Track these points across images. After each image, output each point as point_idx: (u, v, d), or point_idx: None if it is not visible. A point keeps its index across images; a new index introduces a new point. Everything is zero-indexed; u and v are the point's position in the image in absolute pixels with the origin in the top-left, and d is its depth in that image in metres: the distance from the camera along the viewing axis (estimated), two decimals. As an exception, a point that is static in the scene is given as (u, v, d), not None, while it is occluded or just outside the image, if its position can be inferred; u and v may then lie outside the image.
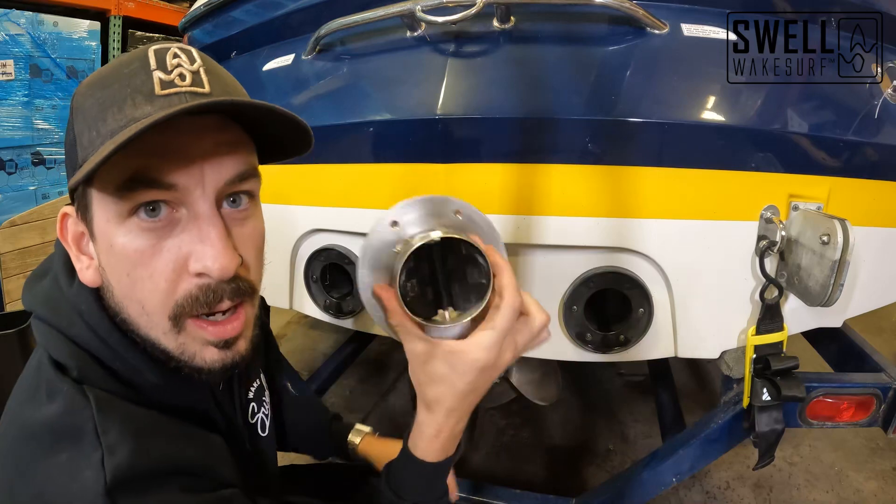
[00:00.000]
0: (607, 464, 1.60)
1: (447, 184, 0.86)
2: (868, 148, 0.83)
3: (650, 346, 0.93)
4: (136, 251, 0.44)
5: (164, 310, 0.46)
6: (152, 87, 0.44)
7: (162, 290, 0.45)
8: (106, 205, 0.45)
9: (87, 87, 0.47)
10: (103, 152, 0.40)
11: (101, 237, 0.46)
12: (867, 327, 2.02)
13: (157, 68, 0.44)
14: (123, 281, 0.46)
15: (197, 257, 0.45)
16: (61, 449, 0.43)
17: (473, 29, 0.85)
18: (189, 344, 0.47)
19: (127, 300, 0.47)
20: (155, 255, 0.45)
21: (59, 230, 0.49)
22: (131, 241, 0.44)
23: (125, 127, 0.42)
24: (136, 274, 0.45)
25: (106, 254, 0.46)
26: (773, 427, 0.88)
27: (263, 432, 0.68)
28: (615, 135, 0.80)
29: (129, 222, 0.44)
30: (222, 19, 1.20)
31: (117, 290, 0.47)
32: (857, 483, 1.50)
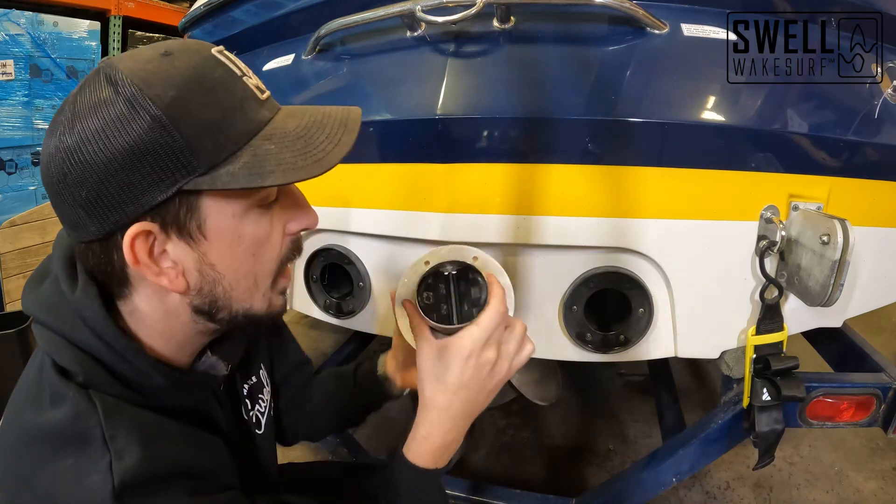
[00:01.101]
0: (607, 464, 1.60)
1: (447, 184, 0.86)
2: (868, 148, 0.83)
3: (650, 346, 0.93)
4: (263, 231, 0.51)
5: (272, 272, 0.53)
6: (254, 92, 0.49)
7: (276, 254, 0.53)
8: (231, 203, 0.48)
9: (179, 92, 0.44)
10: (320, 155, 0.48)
11: (220, 234, 0.48)
12: (867, 327, 2.02)
13: (243, 74, 0.49)
14: (247, 262, 0.51)
15: (298, 219, 0.54)
16: (67, 454, 0.44)
17: (473, 29, 0.85)
18: (273, 297, 0.55)
19: (241, 280, 0.51)
20: (273, 229, 0.52)
21: (132, 256, 0.46)
22: (259, 225, 0.50)
23: (258, 130, 0.48)
24: (262, 250, 0.51)
25: (229, 246, 0.49)
26: (773, 427, 0.88)
27: (259, 430, 0.68)
28: (615, 135, 0.80)
29: (253, 211, 0.50)
30: (222, 19, 1.20)
31: (229, 277, 0.50)
32: (857, 483, 1.50)
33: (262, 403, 0.70)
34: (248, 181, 0.45)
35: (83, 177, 0.44)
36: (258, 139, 0.48)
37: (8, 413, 0.50)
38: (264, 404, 0.71)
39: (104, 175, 0.43)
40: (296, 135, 0.49)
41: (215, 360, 0.60)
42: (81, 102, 0.44)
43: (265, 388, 0.72)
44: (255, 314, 0.54)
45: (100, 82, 0.45)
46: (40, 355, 0.51)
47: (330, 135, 0.51)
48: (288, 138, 0.49)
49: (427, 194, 0.88)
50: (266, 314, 0.55)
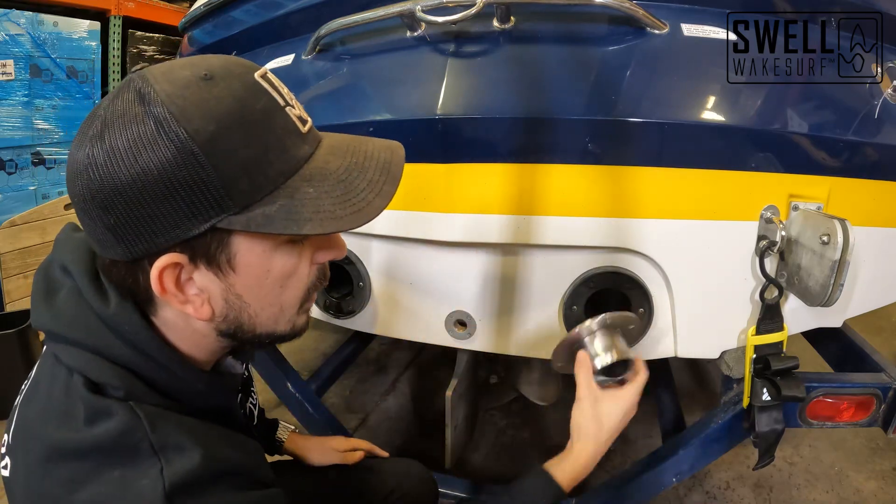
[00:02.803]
0: (607, 464, 1.60)
1: (447, 184, 0.86)
2: (868, 148, 0.83)
3: (650, 346, 0.93)
4: (293, 264, 0.51)
5: (300, 299, 0.54)
6: (295, 125, 0.48)
7: (304, 285, 0.53)
8: (263, 241, 0.48)
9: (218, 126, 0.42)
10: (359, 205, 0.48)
11: (248, 268, 0.48)
12: (867, 327, 2.02)
13: (286, 105, 0.47)
14: (273, 293, 0.51)
15: (328, 250, 0.54)
16: (114, 467, 0.44)
17: (473, 29, 0.85)
18: (297, 319, 0.55)
19: (266, 309, 0.51)
20: (301, 261, 0.52)
21: (161, 287, 0.46)
22: (287, 261, 0.50)
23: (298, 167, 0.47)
24: (289, 283, 0.51)
25: (257, 279, 0.49)
26: (773, 427, 0.88)
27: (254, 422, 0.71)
28: (615, 135, 0.80)
29: (283, 248, 0.49)
30: (222, 19, 1.20)
31: (255, 306, 0.50)
32: (857, 483, 1.50)
33: (253, 396, 0.73)
34: (283, 227, 0.45)
35: (112, 201, 0.42)
36: (297, 179, 0.46)
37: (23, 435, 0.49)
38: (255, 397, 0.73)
39: (134, 203, 0.42)
40: (336, 178, 0.48)
41: (232, 360, 0.61)
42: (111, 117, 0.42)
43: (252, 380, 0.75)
44: (279, 335, 0.55)
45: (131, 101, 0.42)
46: (63, 373, 0.48)
47: (372, 181, 0.50)
48: (328, 182, 0.48)
49: (427, 194, 0.88)
50: (289, 334, 0.56)
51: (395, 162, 0.54)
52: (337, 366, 1.72)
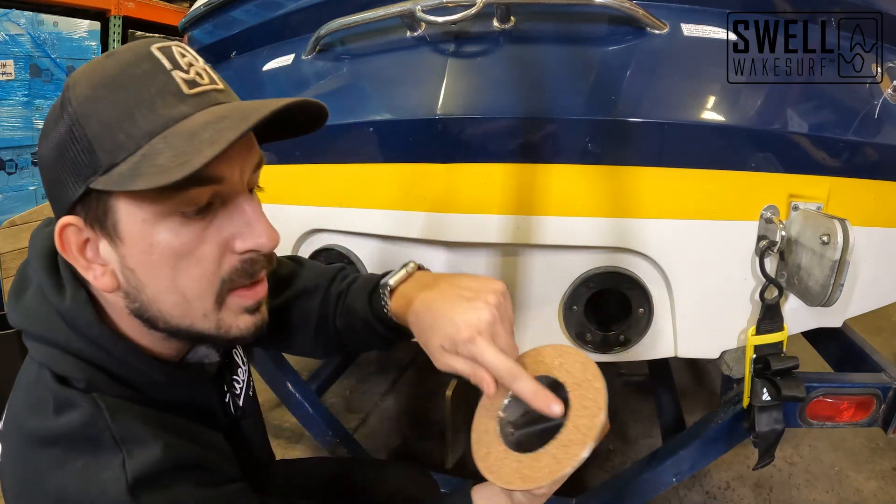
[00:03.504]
0: (607, 464, 1.60)
1: (447, 184, 0.86)
2: (868, 148, 0.83)
3: (650, 346, 0.93)
4: (183, 244, 0.46)
5: (209, 291, 0.48)
6: (178, 86, 0.45)
7: (210, 272, 0.48)
8: (139, 206, 0.45)
9: (93, 90, 0.44)
10: (191, 160, 0.41)
11: (132, 238, 0.46)
12: (867, 327, 2.02)
13: (174, 68, 0.45)
14: (165, 275, 0.47)
15: (244, 237, 0.48)
16: (78, 457, 0.44)
17: (473, 29, 0.85)
18: (226, 318, 0.50)
19: (165, 294, 0.48)
20: (200, 244, 0.47)
21: (60, 243, 0.47)
22: (175, 236, 0.46)
23: (166, 127, 0.44)
24: (182, 265, 0.47)
25: (143, 253, 0.46)
26: (773, 427, 0.88)
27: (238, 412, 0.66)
28: (615, 135, 0.80)
29: (170, 219, 0.45)
30: (222, 19, 1.20)
31: (150, 288, 0.47)
32: (857, 483, 1.50)
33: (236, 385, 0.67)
34: (122, 185, 0.42)
35: (41, 169, 0.48)
36: (159, 138, 0.44)
37: (9, 423, 0.50)
38: (239, 385, 0.68)
39: (44, 170, 0.47)
40: (188, 132, 0.43)
41: (207, 349, 0.58)
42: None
43: (240, 368, 0.69)
44: (206, 334, 0.50)
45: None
46: (35, 366, 0.50)
47: (219, 129, 0.43)
48: (180, 137, 0.43)
49: (427, 194, 0.88)
50: (220, 336, 0.51)
51: (265, 106, 0.45)
52: (337, 366, 1.72)
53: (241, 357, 0.70)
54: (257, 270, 0.51)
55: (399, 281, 0.65)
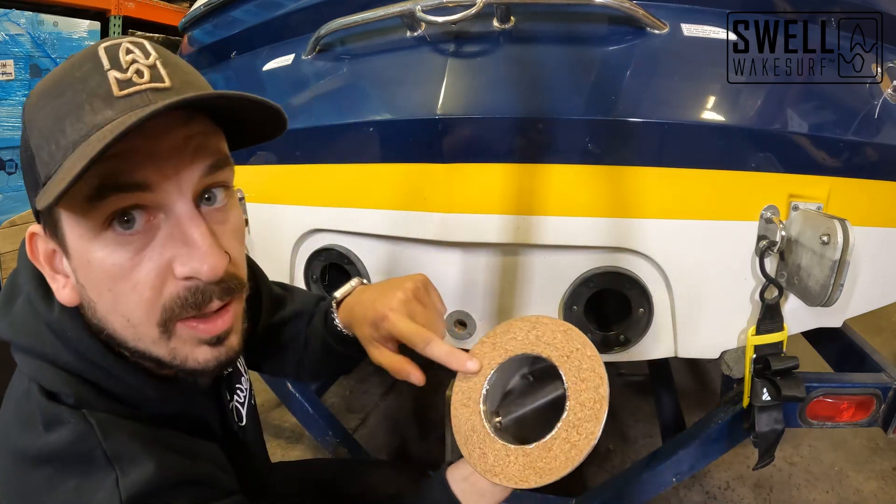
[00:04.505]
0: (607, 464, 1.60)
1: (447, 184, 0.86)
2: (868, 148, 0.83)
3: (650, 346, 0.93)
4: (115, 265, 0.42)
5: (151, 318, 0.44)
6: (109, 88, 0.40)
7: (147, 299, 0.43)
8: (76, 220, 0.41)
9: (38, 98, 0.42)
10: (73, 170, 0.36)
11: (76, 254, 0.43)
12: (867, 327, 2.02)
13: (111, 67, 0.40)
14: (105, 296, 0.43)
15: (182, 261, 0.42)
16: (70, 476, 0.43)
17: (473, 29, 0.85)
18: (180, 347, 0.46)
19: (111, 315, 0.45)
20: (135, 266, 0.42)
21: (30, 250, 0.46)
22: (109, 255, 0.42)
23: (87, 136, 0.39)
24: (118, 288, 0.43)
25: (84, 270, 0.43)
26: (773, 427, 0.88)
27: (241, 422, 0.65)
28: (615, 135, 0.80)
29: (104, 236, 0.41)
30: (222, 19, 1.20)
31: (100, 306, 0.44)
32: (857, 483, 1.50)
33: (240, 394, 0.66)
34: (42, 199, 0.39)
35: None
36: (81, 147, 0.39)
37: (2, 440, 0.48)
38: (243, 394, 0.66)
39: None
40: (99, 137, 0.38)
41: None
42: None
43: (242, 377, 0.68)
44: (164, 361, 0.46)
45: None
46: (25, 379, 0.48)
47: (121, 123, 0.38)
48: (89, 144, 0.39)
49: (427, 194, 0.88)
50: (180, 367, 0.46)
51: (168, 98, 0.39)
52: (336, 366, 1.71)
53: (243, 366, 0.69)
54: (205, 301, 0.44)
55: (344, 294, 0.69)
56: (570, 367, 0.52)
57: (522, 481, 0.49)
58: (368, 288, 0.68)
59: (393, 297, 0.60)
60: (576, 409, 0.50)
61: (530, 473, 0.49)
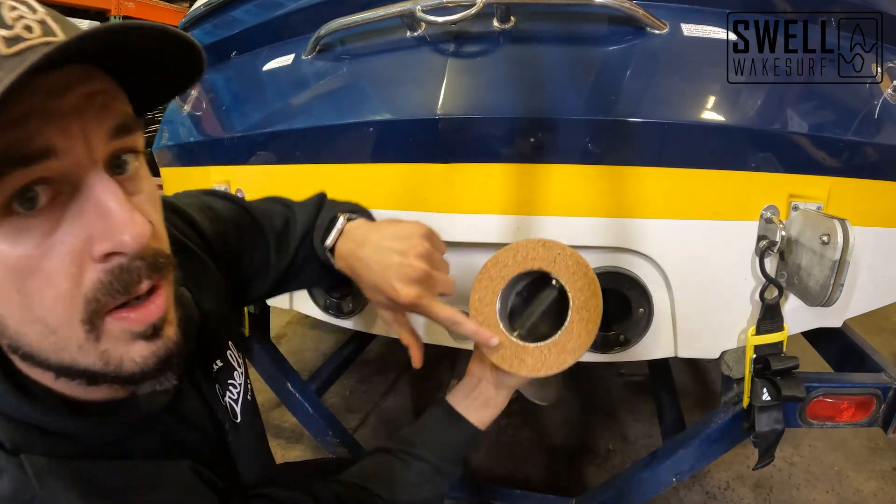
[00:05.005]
0: (607, 464, 1.60)
1: (447, 184, 0.86)
2: (868, 148, 0.83)
3: (650, 346, 0.93)
4: (21, 257, 0.35)
5: (73, 316, 0.38)
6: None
7: (65, 291, 0.37)
8: None
9: None
10: None
11: None
12: (867, 327, 2.02)
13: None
14: (15, 301, 0.36)
15: (101, 237, 0.37)
16: None
17: (473, 29, 0.85)
18: (112, 348, 0.40)
19: (25, 325, 0.38)
20: (45, 254, 0.36)
21: None
22: (11, 246, 0.35)
23: None
24: (29, 286, 0.36)
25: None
26: (773, 427, 0.88)
27: (236, 419, 0.61)
28: (615, 135, 0.80)
29: (2, 224, 0.34)
30: (222, 19, 1.20)
31: (10, 317, 0.38)
32: (857, 483, 1.50)
33: (233, 390, 0.61)
34: None
35: None
36: None
37: None
38: (236, 390, 0.62)
39: None
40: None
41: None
42: None
43: (236, 371, 0.63)
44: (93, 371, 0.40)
45: None
46: None
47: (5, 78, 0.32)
48: None
49: (427, 194, 0.88)
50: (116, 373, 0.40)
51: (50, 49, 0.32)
52: (337, 366, 1.72)
53: (236, 359, 0.65)
54: (132, 281, 0.39)
55: (334, 241, 0.69)
56: (558, 268, 0.64)
57: (562, 364, 0.59)
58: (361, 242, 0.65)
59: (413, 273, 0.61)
60: (577, 295, 0.61)
61: (566, 355, 0.60)
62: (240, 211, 0.74)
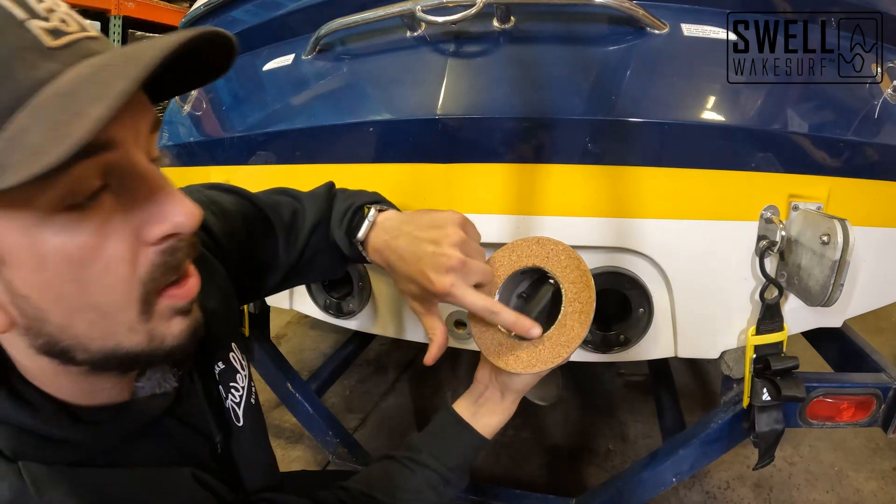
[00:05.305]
0: (607, 464, 1.60)
1: (447, 184, 0.86)
2: (868, 148, 0.83)
3: (650, 346, 0.93)
4: (81, 247, 0.36)
5: (130, 299, 0.39)
6: (37, 39, 0.33)
7: (123, 276, 0.38)
8: (17, 210, 0.34)
9: None
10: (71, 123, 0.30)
11: (16, 255, 0.35)
12: (867, 327, 2.02)
13: (29, 17, 0.34)
14: (69, 291, 0.37)
15: (158, 219, 0.38)
16: None
17: (473, 29, 0.85)
18: (157, 326, 0.41)
19: (75, 315, 0.38)
20: (104, 241, 0.36)
21: None
22: (70, 238, 0.35)
23: (30, 93, 0.32)
24: (87, 274, 0.36)
25: (34, 271, 0.35)
26: (773, 427, 0.88)
27: (238, 422, 0.60)
28: (615, 135, 0.80)
29: (57, 218, 0.34)
30: (222, 19, 1.20)
31: (57, 311, 0.37)
32: (857, 483, 1.50)
33: (235, 393, 0.61)
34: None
35: None
36: (23, 111, 0.32)
37: None
38: (239, 393, 0.61)
39: None
40: (64, 93, 0.32)
41: (160, 375, 0.50)
42: None
43: (238, 374, 0.62)
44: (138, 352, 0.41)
45: None
46: None
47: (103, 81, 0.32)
48: (52, 103, 0.32)
49: (427, 195, 0.88)
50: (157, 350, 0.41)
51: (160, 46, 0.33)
52: (337, 366, 1.72)
53: (239, 361, 0.64)
54: (181, 260, 0.41)
55: (366, 234, 0.68)
56: (551, 264, 0.64)
57: (556, 357, 0.59)
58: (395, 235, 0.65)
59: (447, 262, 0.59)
60: (569, 287, 0.61)
61: (560, 349, 0.59)
62: (246, 204, 0.72)
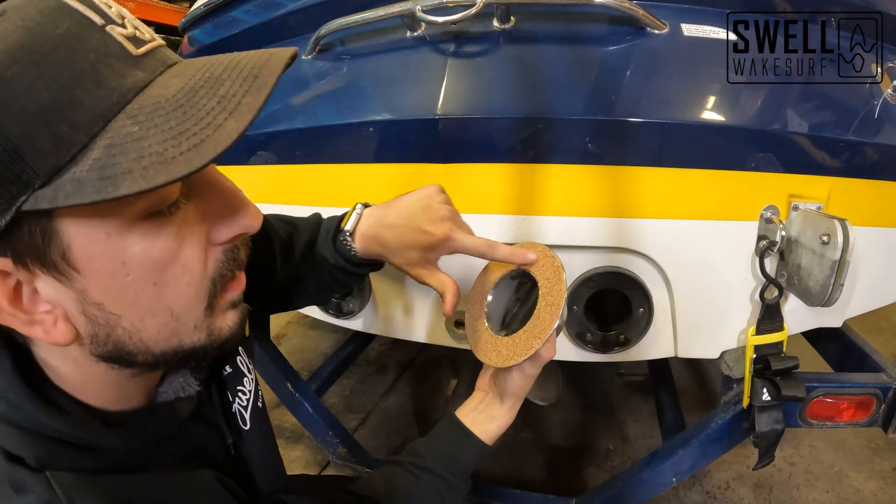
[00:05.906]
0: (607, 464, 1.60)
1: (447, 184, 0.86)
2: (868, 148, 0.83)
3: (650, 346, 0.93)
4: (165, 249, 0.37)
5: (200, 297, 0.41)
6: (119, 46, 0.34)
7: (198, 276, 0.40)
8: (103, 218, 0.34)
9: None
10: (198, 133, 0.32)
11: (96, 263, 0.35)
12: (867, 327, 2.02)
13: (106, 23, 0.34)
14: (146, 296, 0.38)
15: (228, 221, 0.40)
16: None
17: (473, 29, 0.85)
18: (216, 320, 0.43)
19: (148, 318, 0.39)
20: (182, 245, 0.38)
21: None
22: (152, 243, 0.36)
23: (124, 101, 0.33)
24: (166, 277, 0.38)
25: (112, 277, 0.36)
26: (773, 427, 0.88)
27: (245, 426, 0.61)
28: (615, 135, 0.80)
29: (140, 225, 0.36)
30: (222, 19, 1.20)
31: (131, 315, 0.38)
32: (857, 483, 1.50)
33: (242, 396, 0.61)
34: (96, 191, 0.30)
35: None
36: (122, 118, 0.33)
37: None
38: (246, 396, 0.62)
39: None
40: (174, 103, 0.33)
41: (182, 379, 0.50)
42: None
43: (245, 377, 0.63)
44: (196, 347, 0.42)
45: None
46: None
47: (226, 96, 0.34)
48: (162, 111, 0.33)
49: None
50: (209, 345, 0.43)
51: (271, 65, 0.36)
52: (337, 366, 1.72)
53: (245, 365, 0.65)
54: (243, 258, 0.44)
55: (354, 224, 0.70)
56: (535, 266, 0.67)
57: (530, 348, 0.61)
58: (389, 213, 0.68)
59: (440, 213, 0.64)
60: (544, 283, 0.64)
61: (532, 340, 0.62)
62: None
